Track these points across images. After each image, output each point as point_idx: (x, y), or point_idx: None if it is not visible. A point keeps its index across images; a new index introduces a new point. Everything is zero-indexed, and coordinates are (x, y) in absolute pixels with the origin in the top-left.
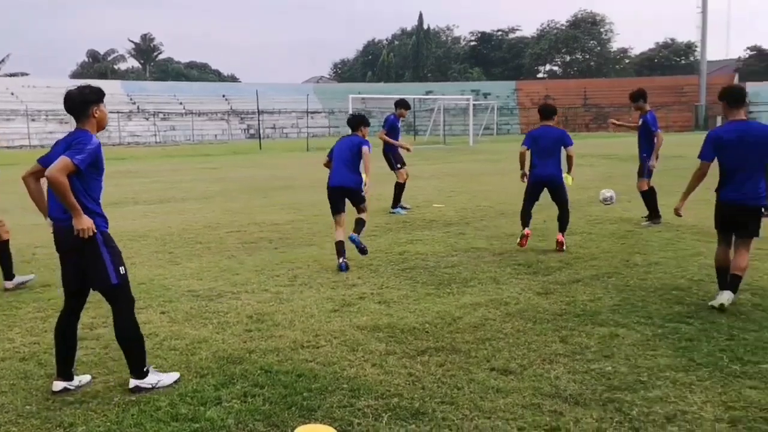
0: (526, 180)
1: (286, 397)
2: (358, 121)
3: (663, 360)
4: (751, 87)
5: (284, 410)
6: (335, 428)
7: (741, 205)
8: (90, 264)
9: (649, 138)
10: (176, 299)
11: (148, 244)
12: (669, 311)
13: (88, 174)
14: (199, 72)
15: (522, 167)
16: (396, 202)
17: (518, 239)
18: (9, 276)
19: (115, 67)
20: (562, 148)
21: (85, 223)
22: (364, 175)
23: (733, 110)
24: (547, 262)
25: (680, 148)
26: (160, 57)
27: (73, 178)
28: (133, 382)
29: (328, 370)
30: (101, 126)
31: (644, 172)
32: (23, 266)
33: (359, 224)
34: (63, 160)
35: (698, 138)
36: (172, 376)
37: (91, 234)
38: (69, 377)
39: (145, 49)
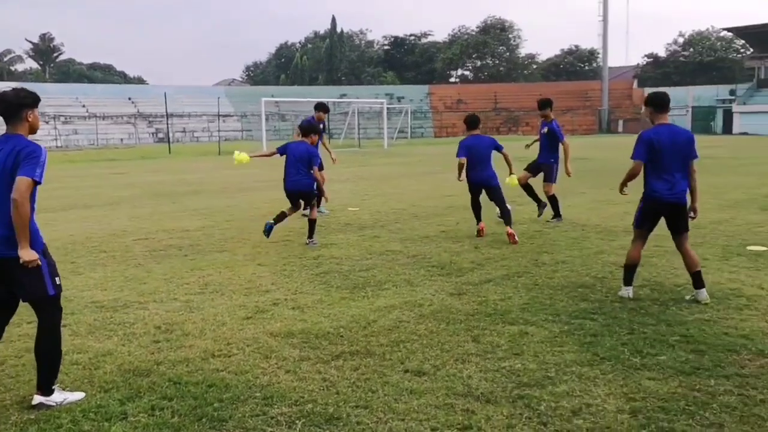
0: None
1: (196, 409)
2: (308, 130)
3: (569, 355)
4: (648, 92)
5: (194, 422)
6: None
7: (676, 203)
8: (25, 274)
9: (555, 145)
10: (79, 311)
11: None
12: (575, 308)
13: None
14: (103, 74)
15: (459, 175)
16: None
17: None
18: None
19: (12, 68)
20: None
21: (32, 255)
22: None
23: (659, 115)
24: (459, 263)
25: (585, 151)
26: (61, 58)
27: None
28: (37, 399)
29: (241, 378)
30: (33, 131)
31: (552, 177)
32: None
33: (311, 226)
34: (26, 182)
35: (602, 141)
36: (77, 395)
37: (36, 266)
38: None
39: (45, 49)
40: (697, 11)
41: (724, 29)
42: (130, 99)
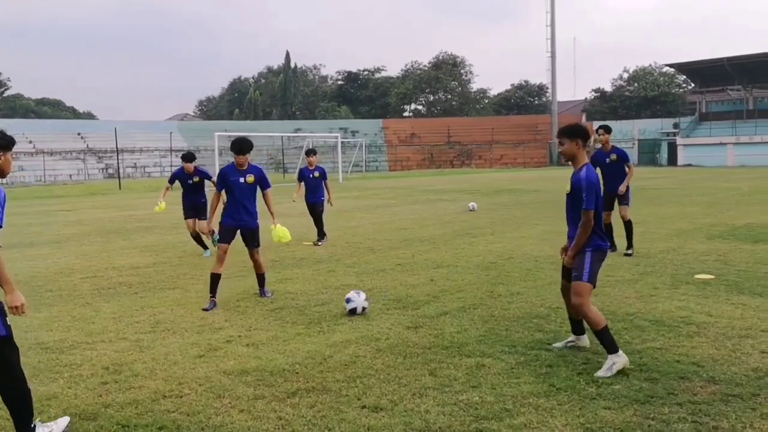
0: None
1: None
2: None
3: (526, 387)
4: (597, 125)
5: None
6: None
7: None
8: None
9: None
10: (22, 353)
11: None
12: (531, 339)
13: None
14: (51, 109)
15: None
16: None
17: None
18: None
19: None
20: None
21: (19, 300)
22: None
23: (583, 151)
24: (415, 297)
25: (537, 183)
26: (8, 93)
27: None
28: None
29: (193, 419)
30: (2, 174)
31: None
32: None
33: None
34: None
35: (553, 173)
36: (62, 421)
37: (24, 312)
38: None
39: None
40: (640, 48)
41: (666, 65)
42: (79, 134)
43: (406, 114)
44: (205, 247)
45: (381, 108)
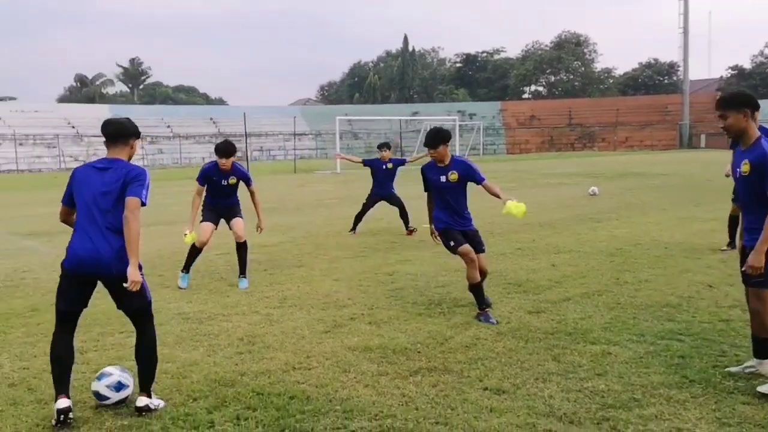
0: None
1: (278, 420)
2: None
3: (656, 377)
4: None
5: None
6: None
7: None
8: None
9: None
10: (166, 322)
11: None
12: (660, 328)
13: None
14: (187, 95)
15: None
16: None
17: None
18: None
19: (104, 91)
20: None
21: (138, 276)
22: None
23: (752, 123)
24: (536, 281)
25: (666, 167)
26: (149, 81)
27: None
28: (143, 401)
29: (321, 391)
30: (130, 158)
31: None
32: (11, 290)
33: None
34: (135, 201)
35: (683, 156)
36: (162, 403)
37: (139, 288)
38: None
39: (134, 73)
40: None
41: None
42: (211, 119)
43: (525, 96)
44: (188, 269)
45: (500, 90)
